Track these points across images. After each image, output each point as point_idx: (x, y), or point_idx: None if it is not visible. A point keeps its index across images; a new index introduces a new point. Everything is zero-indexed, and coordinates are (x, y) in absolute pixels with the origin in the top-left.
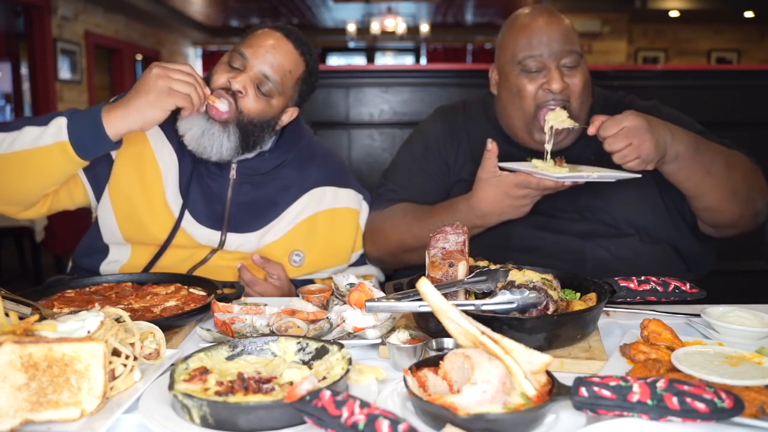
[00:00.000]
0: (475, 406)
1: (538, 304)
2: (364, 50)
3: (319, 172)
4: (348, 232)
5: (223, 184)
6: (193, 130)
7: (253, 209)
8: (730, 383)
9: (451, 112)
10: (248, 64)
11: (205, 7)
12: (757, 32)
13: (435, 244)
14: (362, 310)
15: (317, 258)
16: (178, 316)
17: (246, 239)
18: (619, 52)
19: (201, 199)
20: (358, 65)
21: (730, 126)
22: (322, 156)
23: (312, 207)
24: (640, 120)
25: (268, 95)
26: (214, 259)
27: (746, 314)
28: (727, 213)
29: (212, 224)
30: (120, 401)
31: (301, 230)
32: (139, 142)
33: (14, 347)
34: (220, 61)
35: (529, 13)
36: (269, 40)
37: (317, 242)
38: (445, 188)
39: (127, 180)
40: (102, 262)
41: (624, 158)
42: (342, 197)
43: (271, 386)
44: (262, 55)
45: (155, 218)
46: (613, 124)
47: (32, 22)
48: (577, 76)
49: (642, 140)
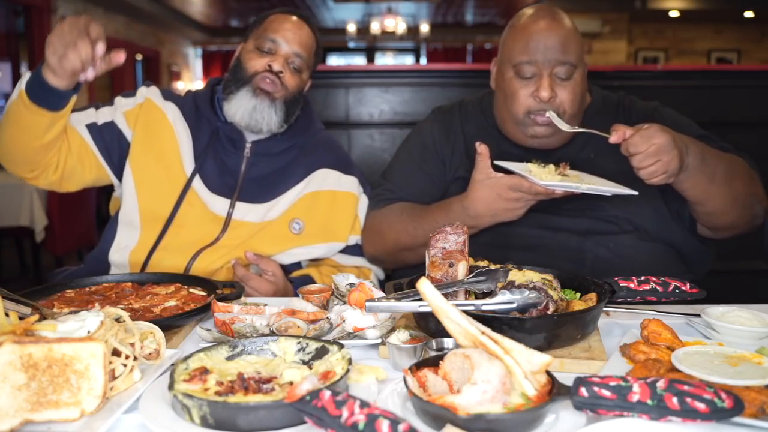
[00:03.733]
0: (475, 406)
1: (538, 304)
2: (364, 50)
3: (326, 156)
4: (347, 214)
5: (237, 160)
6: (243, 108)
7: (262, 184)
8: (730, 383)
9: (447, 112)
10: (278, 47)
11: (205, 7)
12: (757, 32)
13: (435, 244)
14: (362, 310)
15: (316, 231)
16: (178, 316)
17: (253, 209)
18: (619, 52)
19: (215, 171)
20: (358, 65)
21: (730, 126)
22: (330, 145)
23: (315, 184)
24: (667, 136)
25: (299, 70)
26: (224, 240)
27: (746, 314)
28: (727, 218)
29: (223, 193)
30: (120, 401)
31: (303, 203)
32: (157, 117)
33: (14, 347)
34: (245, 50)
35: (533, 15)
36: (288, 23)
37: (317, 216)
38: (442, 187)
39: (144, 151)
40: (110, 249)
41: (652, 175)
42: (344, 182)
43: (271, 386)
44: (289, 37)
45: (169, 174)
46: (642, 140)
47: (32, 22)
48: (568, 88)
49: (670, 157)
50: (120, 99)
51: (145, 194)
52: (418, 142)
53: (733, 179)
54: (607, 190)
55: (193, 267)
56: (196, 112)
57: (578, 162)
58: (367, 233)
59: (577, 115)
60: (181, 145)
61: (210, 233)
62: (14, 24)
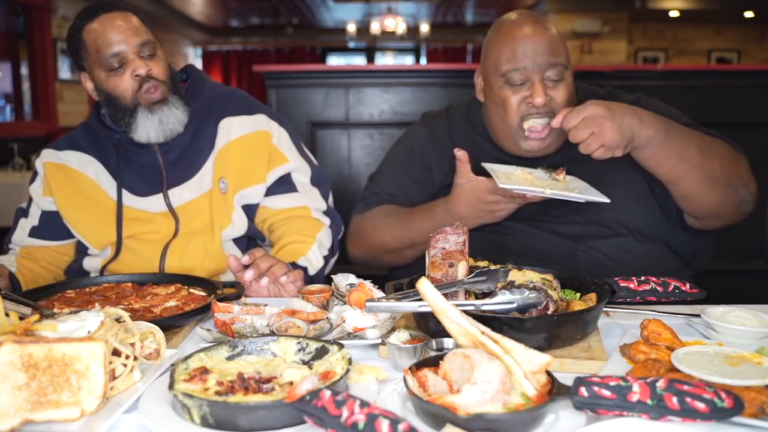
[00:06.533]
0: (475, 406)
1: (538, 304)
2: (364, 50)
3: (225, 107)
4: (260, 152)
5: (150, 155)
6: (150, 129)
7: (183, 163)
8: (730, 383)
9: (434, 118)
10: (123, 54)
11: (205, 7)
12: (757, 32)
13: (435, 245)
14: (362, 310)
15: (235, 182)
16: (178, 316)
17: (185, 188)
18: (619, 52)
19: (136, 176)
20: (358, 65)
21: (730, 126)
22: (226, 95)
23: (224, 137)
24: (600, 108)
25: (153, 53)
26: (183, 228)
27: (746, 314)
28: (707, 200)
29: (152, 190)
30: (120, 401)
31: (221, 160)
32: (64, 174)
33: (14, 347)
34: (100, 80)
35: (515, 21)
36: (107, 26)
37: (234, 167)
38: (429, 192)
39: (69, 207)
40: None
41: (588, 147)
42: (250, 123)
43: (271, 386)
44: (120, 38)
45: (100, 210)
46: (573, 115)
47: (32, 22)
48: (561, 89)
49: (603, 128)
50: (31, 189)
51: (91, 236)
52: (406, 147)
53: (708, 157)
54: (574, 197)
55: (167, 264)
56: (95, 140)
57: (567, 162)
58: (352, 235)
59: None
60: (97, 179)
61: (168, 229)
62: (14, 24)
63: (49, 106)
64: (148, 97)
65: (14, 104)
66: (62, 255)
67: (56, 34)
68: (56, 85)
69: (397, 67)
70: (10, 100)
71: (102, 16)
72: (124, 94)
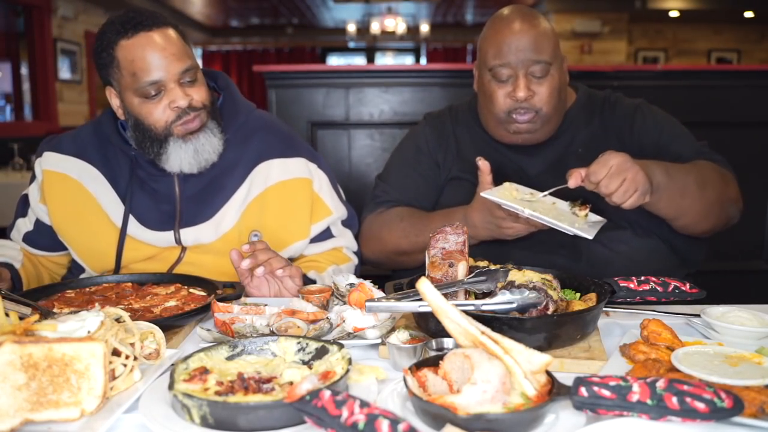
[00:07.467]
0: (475, 406)
1: (538, 304)
2: (364, 50)
3: (262, 146)
4: (302, 202)
5: (167, 182)
6: (184, 159)
7: (202, 198)
8: (730, 383)
9: (438, 117)
10: (163, 82)
11: (205, 7)
12: (757, 32)
13: (435, 245)
14: (362, 310)
15: (273, 236)
16: (178, 316)
17: (200, 231)
18: (619, 52)
19: (148, 203)
20: (358, 65)
21: (729, 126)
22: (264, 129)
23: (260, 183)
24: (622, 155)
25: (194, 79)
26: (187, 258)
27: (746, 314)
28: (702, 226)
29: (162, 226)
30: (120, 401)
31: (254, 210)
32: (63, 187)
33: (14, 347)
34: (130, 104)
35: (505, 18)
36: (149, 47)
37: (270, 219)
38: (436, 188)
39: (65, 223)
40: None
41: (625, 195)
42: (291, 168)
43: (271, 386)
44: (163, 63)
45: (99, 234)
46: (599, 167)
47: (32, 22)
48: (545, 85)
49: (634, 172)
50: (30, 190)
51: (87, 259)
52: (412, 146)
53: (704, 189)
54: (566, 228)
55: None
56: (104, 147)
57: (567, 158)
58: (365, 237)
59: (557, 109)
60: (101, 200)
61: (173, 257)
62: (14, 24)
63: (49, 106)
64: (186, 128)
65: (14, 104)
66: (57, 265)
67: (56, 34)
68: (56, 85)
69: (397, 67)
70: (10, 100)
71: (141, 35)
72: (156, 123)
